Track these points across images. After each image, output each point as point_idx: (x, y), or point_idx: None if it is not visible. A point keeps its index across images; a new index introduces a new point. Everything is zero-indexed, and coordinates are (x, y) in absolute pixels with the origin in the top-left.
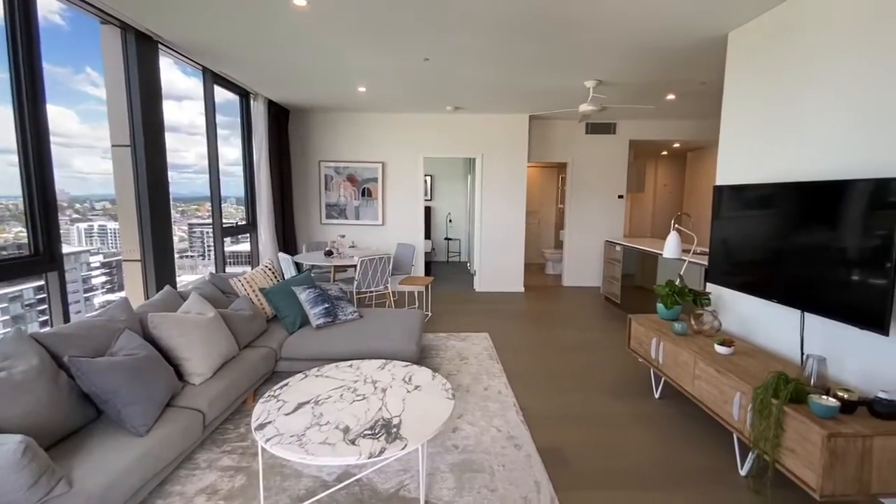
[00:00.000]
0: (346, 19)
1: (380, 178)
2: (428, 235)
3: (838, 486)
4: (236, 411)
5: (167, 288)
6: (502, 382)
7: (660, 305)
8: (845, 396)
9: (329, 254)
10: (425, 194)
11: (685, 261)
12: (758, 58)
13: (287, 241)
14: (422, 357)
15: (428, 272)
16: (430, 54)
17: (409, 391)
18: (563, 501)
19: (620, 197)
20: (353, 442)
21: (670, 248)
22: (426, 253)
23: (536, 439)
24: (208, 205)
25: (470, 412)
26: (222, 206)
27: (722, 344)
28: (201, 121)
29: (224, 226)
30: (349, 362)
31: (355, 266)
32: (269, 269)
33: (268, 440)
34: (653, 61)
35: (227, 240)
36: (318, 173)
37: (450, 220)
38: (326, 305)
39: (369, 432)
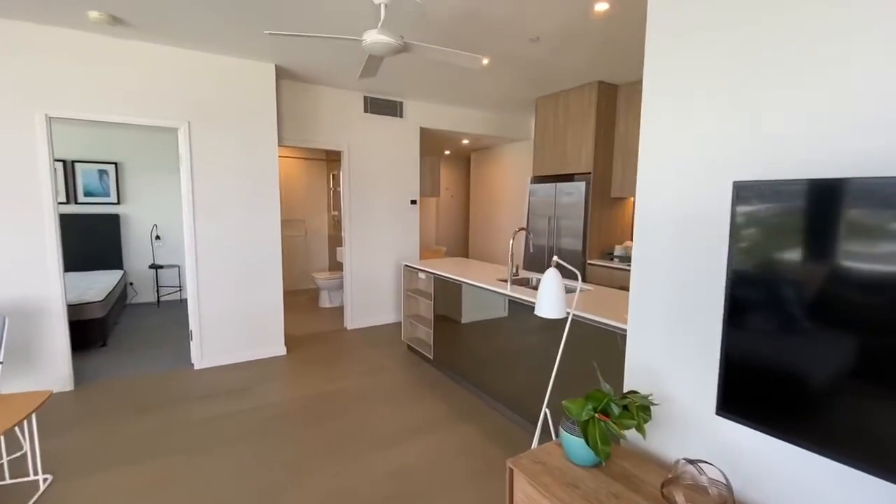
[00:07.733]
0: None
1: None
2: (118, 264)
3: None
4: None
5: None
6: None
7: (570, 438)
8: None
9: None
10: (103, 194)
11: (576, 319)
12: None
13: None
14: None
15: (93, 337)
16: None
17: None
18: None
19: (414, 202)
20: None
21: (551, 299)
22: (90, 304)
23: None
24: None
25: None
26: None
27: None
28: None
29: None
30: None
31: None
32: None
33: None
34: None
35: None
36: None
37: (157, 237)
38: None
39: None
